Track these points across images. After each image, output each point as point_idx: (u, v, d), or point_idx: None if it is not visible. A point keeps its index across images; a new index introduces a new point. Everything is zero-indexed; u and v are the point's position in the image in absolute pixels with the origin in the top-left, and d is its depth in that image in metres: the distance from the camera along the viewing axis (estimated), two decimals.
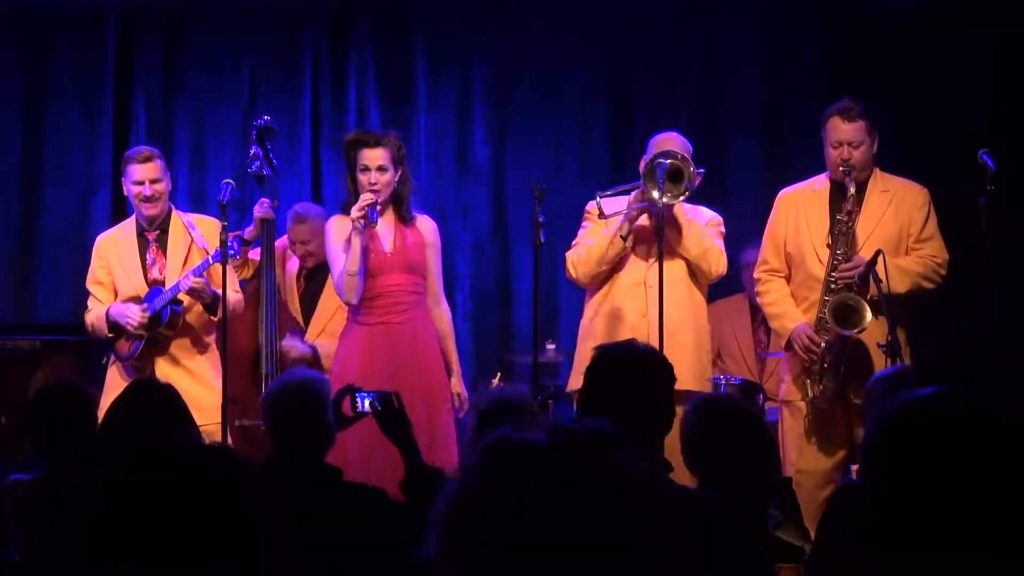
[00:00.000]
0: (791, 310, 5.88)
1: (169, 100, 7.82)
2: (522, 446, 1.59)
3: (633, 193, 5.92)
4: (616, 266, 5.98)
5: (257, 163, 6.28)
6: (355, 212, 5.76)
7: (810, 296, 5.83)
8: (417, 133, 7.73)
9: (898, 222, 5.81)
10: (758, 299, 6.15)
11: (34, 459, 5.27)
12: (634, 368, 3.53)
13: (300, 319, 6.56)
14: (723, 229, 6.09)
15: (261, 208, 6.23)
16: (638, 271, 5.96)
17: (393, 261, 5.87)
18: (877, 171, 5.89)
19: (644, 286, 5.94)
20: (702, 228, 5.97)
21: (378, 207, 5.80)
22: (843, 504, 3.53)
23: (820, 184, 5.94)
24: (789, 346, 5.87)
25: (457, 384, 6.03)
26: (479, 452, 1.62)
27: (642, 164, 6.10)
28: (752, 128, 7.77)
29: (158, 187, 6.12)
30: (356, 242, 5.78)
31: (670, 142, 6.05)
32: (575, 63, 7.85)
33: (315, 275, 6.61)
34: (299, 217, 6.70)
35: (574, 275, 6.03)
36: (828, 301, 5.68)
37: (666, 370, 3.61)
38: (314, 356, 6.35)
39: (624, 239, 5.90)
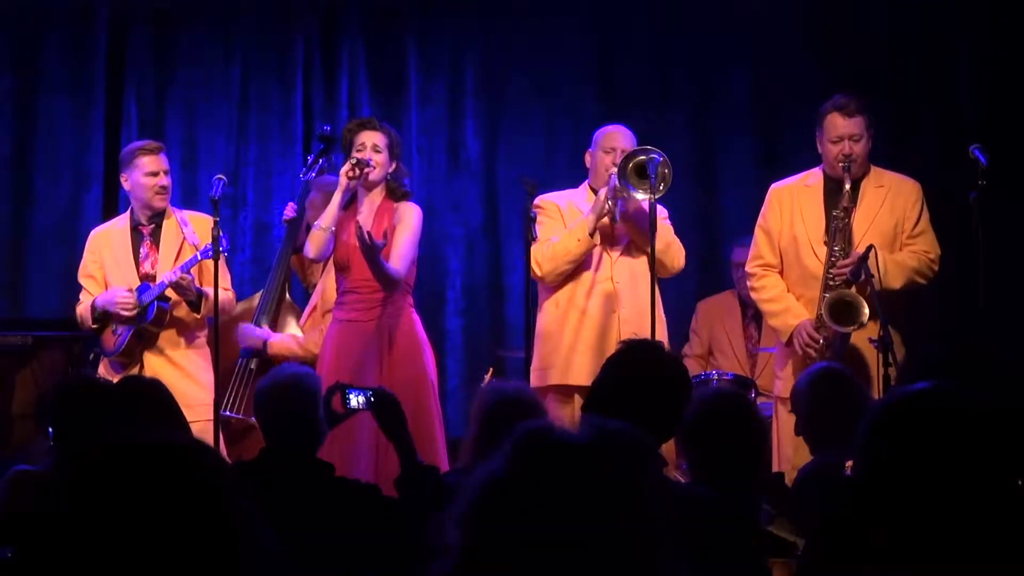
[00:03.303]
0: (793, 306, 5.83)
1: (161, 96, 7.80)
2: (559, 442, 1.58)
3: (603, 190, 5.92)
4: (585, 263, 5.97)
5: (314, 172, 6.41)
6: (345, 167, 5.82)
7: (806, 293, 5.81)
8: (408, 128, 7.72)
9: (893, 218, 5.81)
10: (752, 294, 6.09)
11: (32, 452, 5.26)
12: (660, 373, 3.50)
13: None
14: (670, 223, 6.08)
15: (290, 212, 6.43)
16: (604, 268, 5.96)
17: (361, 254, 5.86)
18: (872, 166, 5.89)
19: (612, 282, 5.94)
20: (662, 223, 5.96)
21: (368, 169, 5.82)
22: (836, 499, 3.53)
23: (813, 179, 5.92)
24: (789, 342, 5.84)
25: None
26: (514, 443, 1.60)
27: (588, 158, 6.13)
28: (744, 125, 7.77)
29: (169, 179, 6.16)
30: (335, 199, 5.83)
31: (619, 135, 6.08)
32: (566, 58, 7.84)
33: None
34: (315, 184, 6.78)
35: (539, 273, 5.96)
36: (825, 298, 5.67)
37: (687, 384, 3.59)
38: (263, 346, 6.32)
39: (592, 236, 5.90)
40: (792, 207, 5.89)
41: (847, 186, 5.70)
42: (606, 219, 5.91)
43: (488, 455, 3.64)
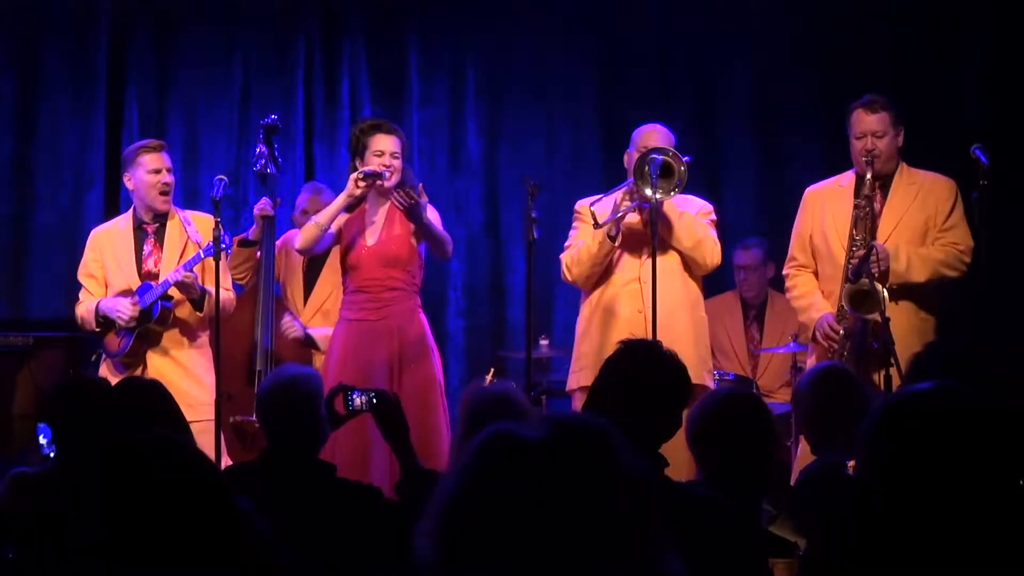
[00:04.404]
0: (818, 301, 5.86)
1: (162, 97, 7.81)
2: (517, 442, 1.57)
3: (621, 191, 5.90)
4: (610, 264, 5.98)
5: (262, 161, 6.34)
6: (356, 176, 5.79)
7: (838, 289, 5.83)
8: (409, 129, 7.71)
9: (924, 214, 5.83)
10: (787, 294, 6.13)
11: (32, 453, 5.25)
12: (655, 371, 3.48)
13: (302, 301, 6.58)
14: (714, 217, 6.09)
15: (261, 206, 6.27)
16: (632, 268, 5.95)
17: (371, 254, 5.87)
18: (903, 165, 5.90)
19: (639, 282, 5.94)
20: (695, 220, 5.97)
21: (383, 182, 5.82)
22: (839, 499, 3.52)
23: (847, 180, 5.96)
24: (815, 337, 5.86)
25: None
26: (474, 449, 1.59)
27: (627, 158, 6.10)
28: (745, 126, 7.76)
29: (172, 177, 6.14)
30: (339, 201, 5.83)
31: (654, 134, 6.06)
32: (567, 58, 7.84)
33: (316, 257, 6.61)
34: (316, 188, 6.75)
35: (569, 277, 6.03)
36: (845, 288, 5.69)
37: (686, 381, 3.57)
38: (307, 339, 6.36)
39: (613, 239, 5.89)
40: (824, 207, 5.93)
41: (868, 175, 5.73)
42: (636, 218, 5.88)
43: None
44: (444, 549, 1.55)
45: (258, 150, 6.39)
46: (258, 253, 6.41)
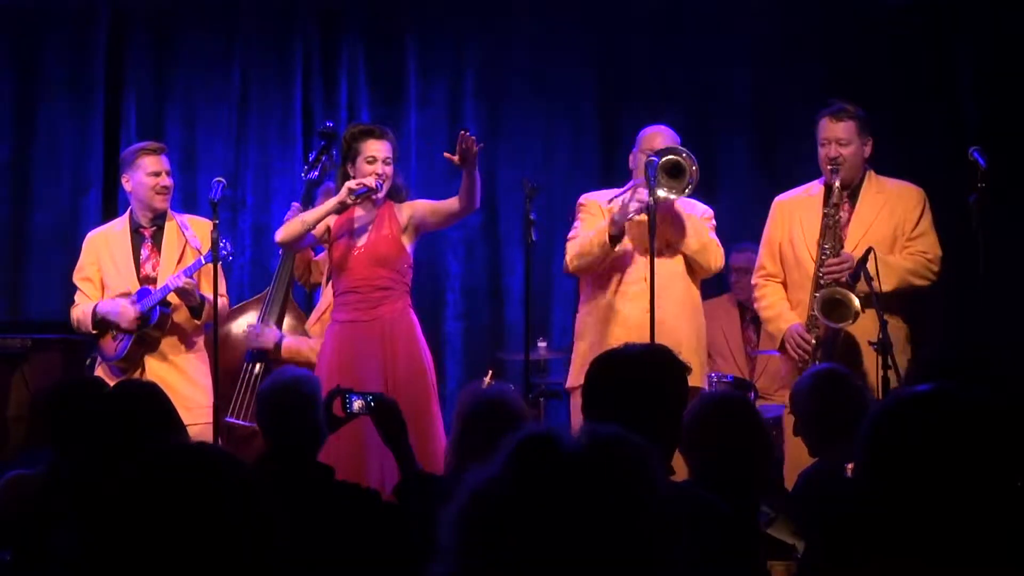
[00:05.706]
0: (785, 312, 5.89)
1: (160, 99, 7.80)
2: (555, 451, 1.55)
3: (627, 193, 5.90)
4: (616, 264, 5.97)
5: (316, 171, 6.40)
6: (352, 183, 5.77)
7: (806, 298, 5.83)
8: (408, 131, 7.71)
9: (892, 222, 5.83)
10: (755, 304, 6.15)
11: (27, 455, 5.24)
12: (653, 375, 3.42)
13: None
14: (714, 223, 6.12)
15: (292, 211, 6.34)
16: (641, 267, 5.93)
17: (362, 255, 5.86)
18: (871, 174, 5.90)
19: (646, 282, 5.93)
20: (699, 223, 5.99)
21: (377, 195, 5.82)
22: (837, 501, 3.52)
23: (815, 189, 5.97)
24: (782, 347, 5.87)
25: None
26: (510, 451, 1.57)
27: (632, 159, 6.10)
28: (742, 127, 7.77)
29: (171, 180, 6.15)
30: (330, 203, 5.81)
31: (658, 136, 6.06)
32: (566, 60, 7.84)
33: None
34: (321, 191, 6.79)
35: (570, 268, 6.03)
36: (817, 296, 5.70)
37: (684, 384, 3.52)
38: (275, 347, 6.37)
39: (613, 241, 5.88)
40: (792, 216, 5.95)
41: (836, 184, 5.75)
42: (643, 217, 5.85)
43: (468, 458, 3.57)
44: (465, 548, 1.53)
45: (313, 157, 6.48)
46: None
